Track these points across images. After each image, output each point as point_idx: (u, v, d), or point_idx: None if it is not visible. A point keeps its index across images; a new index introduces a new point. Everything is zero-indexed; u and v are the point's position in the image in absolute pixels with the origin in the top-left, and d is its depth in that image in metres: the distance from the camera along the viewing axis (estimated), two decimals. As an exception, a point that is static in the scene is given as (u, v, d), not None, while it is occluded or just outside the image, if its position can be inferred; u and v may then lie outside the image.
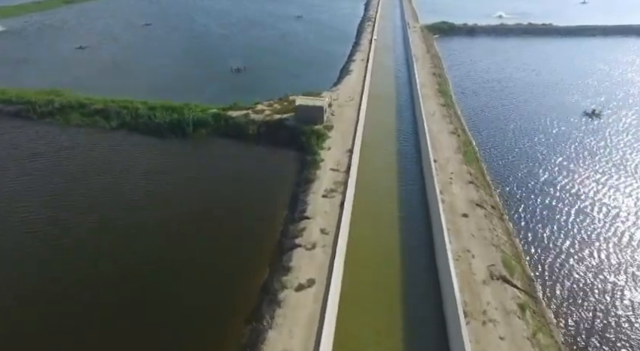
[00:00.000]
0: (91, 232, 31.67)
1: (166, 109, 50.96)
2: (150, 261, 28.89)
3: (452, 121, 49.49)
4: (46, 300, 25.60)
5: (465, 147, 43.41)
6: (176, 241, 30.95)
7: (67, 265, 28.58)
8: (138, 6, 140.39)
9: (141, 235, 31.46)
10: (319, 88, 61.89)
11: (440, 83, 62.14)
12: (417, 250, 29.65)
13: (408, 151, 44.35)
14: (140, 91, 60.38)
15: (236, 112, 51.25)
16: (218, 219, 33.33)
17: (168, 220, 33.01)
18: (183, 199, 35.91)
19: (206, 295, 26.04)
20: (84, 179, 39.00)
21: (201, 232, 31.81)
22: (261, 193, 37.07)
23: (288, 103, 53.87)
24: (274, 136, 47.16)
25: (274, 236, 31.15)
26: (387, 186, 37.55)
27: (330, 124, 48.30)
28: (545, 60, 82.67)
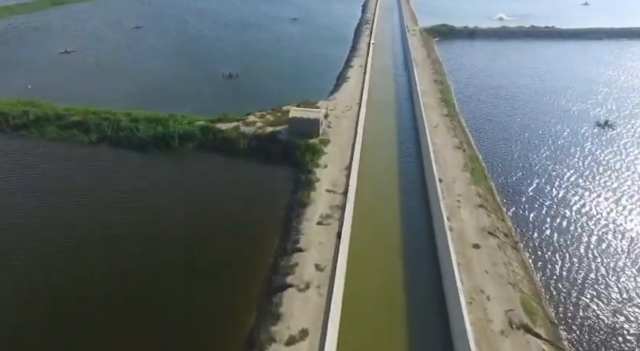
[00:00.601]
0: (56, 265, 28.24)
1: (151, 121, 47.47)
2: (119, 302, 25.47)
3: (456, 133, 46.28)
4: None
5: (471, 163, 40.21)
6: (146, 282, 27.37)
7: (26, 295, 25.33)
8: (129, 8, 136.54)
9: (113, 265, 28.10)
10: (315, 96, 58.81)
11: (442, 91, 58.96)
12: (424, 293, 26.28)
13: (411, 169, 41.06)
14: (125, 99, 56.92)
15: (226, 124, 47.83)
16: (201, 249, 29.95)
17: (136, 256, 29.37)
18: (162, 226, 32.43)
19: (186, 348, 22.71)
20: (54, 199, 35.58)
21: (179, 267, 28.37)
22: (251, 216, 33.67)
23: (282, 113, 50.51)
24: (266, 150, 43.77)
25: (263, 271, 27.78)
26: (388, 211, 34.20)
27: (327, 137, 44.98)
28: (548, 64, 79.71)
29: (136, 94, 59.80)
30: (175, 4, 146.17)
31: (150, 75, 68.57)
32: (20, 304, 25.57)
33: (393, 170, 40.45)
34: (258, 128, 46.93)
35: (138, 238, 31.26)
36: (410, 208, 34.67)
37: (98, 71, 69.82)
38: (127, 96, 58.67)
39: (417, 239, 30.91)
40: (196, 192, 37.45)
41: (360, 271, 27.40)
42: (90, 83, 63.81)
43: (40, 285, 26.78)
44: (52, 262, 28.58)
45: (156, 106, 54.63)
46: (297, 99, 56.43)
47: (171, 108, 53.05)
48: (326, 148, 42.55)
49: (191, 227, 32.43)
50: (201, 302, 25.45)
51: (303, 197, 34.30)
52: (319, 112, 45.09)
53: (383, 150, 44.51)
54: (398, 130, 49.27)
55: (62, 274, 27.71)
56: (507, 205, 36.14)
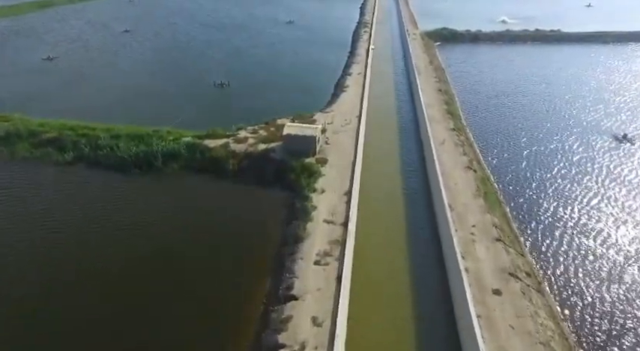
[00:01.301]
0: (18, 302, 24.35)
1: (133, 137, 43.55)
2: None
3: (465, 150, 42.62)
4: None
5: (483, 186, 36.57)
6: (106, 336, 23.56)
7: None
8: (119, 10, 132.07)
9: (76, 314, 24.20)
10: (312, 106, 55.11)
11: (447, 102, 55.31)
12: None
13: (417, 193, 37.26)
14: (107, 112, 52.96)
15: (215, 140, 43.98)
16: (179, 294, 26.10)
17: (94, 306, 25.56)
18: (130, 264, 28.54)
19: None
20: (22, 225, 31.71)
21: (146, 317, 24.52)
22: (238, 252, 29.81)
23: (276, 128, 46.71)
24: (258, 171, 39.96)
25: (251, 326, 23.99)
26: (393, 246, 30.41)
27: (324, 156, 41.22)
28: (556, 70, 76.24)
29: (119, 105, 55.75)
30: (167, 7, 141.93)
31: (136, 84, 64.44)
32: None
33: (398, 196, 36.63)
34: (249, 145, 43.11)
35: (100, 283, 27.27)
36: (418, 242, 30.88)
37: (80, 80, 65.59)
38: (109, 108, 54.66)
39: (427, 284, 27.10)
40: (177, 221, 33.47)
41: (363, 326, 23.63)
42: (70, 94, 59.71)
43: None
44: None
45: (141, 118, 50.74)
46: (292, 110, 52.93)
47: (157, 121, 49.14)
48: (323, 169, 38.77)
49: (166, 266, 28.52)
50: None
51: (298, 230, 30.49)
52: (316, 129, 41.30)
53: (385, 171, 40.70)
54: (401, 147, 45.47)
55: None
56: (525, 234, 32.53)
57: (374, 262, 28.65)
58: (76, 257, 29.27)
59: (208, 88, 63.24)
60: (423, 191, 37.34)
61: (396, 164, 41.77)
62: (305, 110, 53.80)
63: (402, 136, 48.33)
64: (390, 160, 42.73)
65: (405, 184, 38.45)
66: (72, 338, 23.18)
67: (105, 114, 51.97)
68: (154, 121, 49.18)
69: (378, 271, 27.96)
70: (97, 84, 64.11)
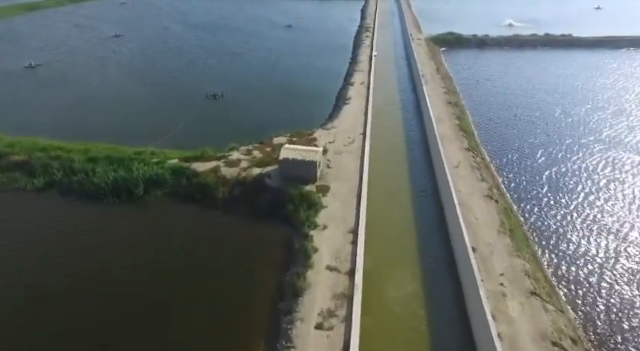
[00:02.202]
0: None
1: (112, 161, 39.01)
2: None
3: (483, 175, 38.16)
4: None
5: (507, 219, 32.10)
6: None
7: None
8: (109, 13, 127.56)
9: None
10: (311, 121, 50.74)
11: (459, 116, 50.87)
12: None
13: (433, 231, 32.46)
14: (87, 129, 48.55)
15: (204, 163, 39.48)
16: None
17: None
18: (99, 318, 24.06)
19: None
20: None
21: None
22: (223, 310, 25.10)
23: (272, 148, 42.26)
24: (251, 201, 35.44)
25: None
26: (408, 302, 25.70)
27: (326, 182, 36.74)
28: (570, 78, 71.83)
29: (101, 121, 51.23)
30: (160, 9, 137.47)
31: (121, 96, 59.87)
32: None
33: (410, 233, 31.98)
34: (242, 170, 38.58)
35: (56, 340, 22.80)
36: (437, 296, 26.25)
37: (61, 91, 61.01)
38: (90, 124, 50.15)
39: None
40: (151, 265, 28.81)
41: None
42: (48, 107, 55.16)
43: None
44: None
45: (124, 136, 46.49)
46: (290, 124, 48.73)
47: (143, 138, 44.96)
48: (325, 199, 34.27)
49: (135, 323, 23.98)
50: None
51: (296, 280, 26.01)
52: (316, 152, 36.78)
53: (394, 201, 36.02)
54: (410, 171, 40.82)
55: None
56: (561, 283, 28.06)
57: (386, 325, 24.12)
58: (28, 314, 24.75)
59: (201, 100, 58.74)
60: (439, 227, 32.72)
61: (405, 192, 37.17)
62: (304, 125, 49.64)
63: (411, 156, 43.74)
64: (399, 187, 38.14)
65: (417, 218, 33.75)
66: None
67: (85, 131, 47.51)
68: (138, 139, 45.02)
69: (391, 338, 23.42)
70: (79, 95, 59.56)
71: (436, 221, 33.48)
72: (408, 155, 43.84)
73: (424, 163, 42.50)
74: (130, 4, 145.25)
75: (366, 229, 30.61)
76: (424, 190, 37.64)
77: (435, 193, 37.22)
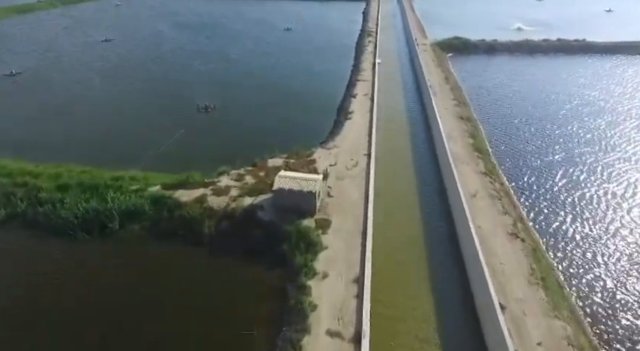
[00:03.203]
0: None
1: (84, 189, 34.56)
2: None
3: (504, 206, 33.67)
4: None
5: (538, 265, 27.58)
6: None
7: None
8: (102, 15, 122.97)
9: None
10: (310, 138, 46.35)
11: (472, 133, 46.39)
12: None
13: (451, 279, 27.86)
14: (63, 147, 44.27)
15: (189, 191, 35.03)
16: None
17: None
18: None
19: None
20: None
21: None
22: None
23: (266, 172, 37.83)
24: (241, 238, 31.00)
25: None
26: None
27: (326, 216, 32.27)
28: (587, 87, 67.19)
29: (79, 138, 46.77)
30: (155, 11, 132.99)
31: (105, 109, 55.32)
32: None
33: (424, 282, 27.38)
34: (231, 199, 34.13)
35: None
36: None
37: (40, 104, 56.50)
38: (66, 141, 45.76)
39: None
40: (119, 319, 24.48)
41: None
42: (23, 122, 50.64)
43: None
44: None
45: (104, 156, 42.39)
46: (287, 140, 44.48)
47: (124, 159, 40.72)
48: (326, 238, 29.81)
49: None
50: None
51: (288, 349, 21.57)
52: (315, 181, 32.29)
53: (405, 240, 31.29)
54: (422, 202, 35.91)
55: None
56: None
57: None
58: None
59: (191, 113, 54.26)
60: (459, 276, 28.13)
61: (417, 228, 32.56)
62: (303, 141, 45.35)
63: (421, 182, 39.05)
64: (410, 220, 33.52)
65: (432, 262, 29.06)
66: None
67: (60, 150, 43.34)
68: (119, 160, 40.87)
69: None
70: (57, 109, 55.12)
71: (455, 267, 28.92)
72: (418, 181, 39.22)
73: (437, 191, 37.85)
74: (125, 5, 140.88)
75: (373, 278, 26.17)
76: (439, 225, 33.05)
77: (451, 228, 32.70)
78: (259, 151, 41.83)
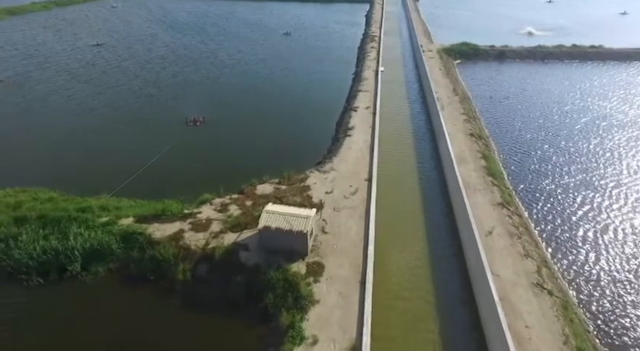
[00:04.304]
0: None
1: (45, 222, 30.30)
2: None
3: (525, 247, 29.16)
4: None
5: (569, 324, 23.15)
6: None
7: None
8: (96, 18, 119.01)
9: None
10: (305, 156, 42.23)
11: (484, 154, 41.86)
12: None
13: (465, 344, 23.59)
14: (30, 170, 40.16)
15: (165, 224, 30.81)
16: None
17: None
18: None
19: None
20: None
21: None
22: None
23: (254, 202, 33.55)
24: (221, 285, 26.75)
25: None
26: None
27: (320, 258, 27.92)
28: (604, 99, 62.58)
29: (50, 158, 42.52)
30: (151, 14, 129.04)
31: (83, 122, 51.00)
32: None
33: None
34: (211, 236, 29.84)
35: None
36: None
37: (13, 117, 52.24)
38: (35, 162, 41.59)
39: None
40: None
41: None
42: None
43: None
44: None
45: (78, 178, 38.47)
46: (279, 159, 40.86)
47: (98, 184, 36.53)
48: (318, 288, 25.47)
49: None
50: None
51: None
52: (307, 218, 27.88)
53: (412, 291, 26.71)
54: (429, 241, 31.21)
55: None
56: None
57: None
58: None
59: (179, 127, 50.05)
60: (476, 343, 23.60)
61: (425, 274, 28.03)
62: (297, 160, 41.41)
63: (429, 215, 34.32)
64: (416, 262, 29.04)
65: (444, 327, 24.39)
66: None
67: (25, 173, 39.15)
68: (92, 184, 36.79)
69: None
70: (31, 121, 50.89)
71: (471, 329, 24.38)
72: (425, 213, 34.56)
73: (447, 226, 33.21)
74: (120, 7, 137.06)
75: (373, 344, 21.81)
76: (450, 270, 28.53)
77: (464, 275, 28.24)
78: (248, 173, 37.71)
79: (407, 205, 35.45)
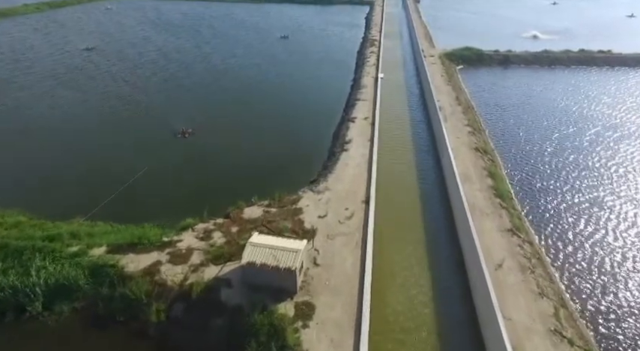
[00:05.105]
0: None
1: (5, 254, 27.36)
2: None
3: (540, 284, 26.14)
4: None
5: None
6: None
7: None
8: (89, 20, 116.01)
9: None
10: (299, 173, 39.33)
11: (491, 172, 38.87)
12: None
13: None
14: (2, 185, 37.25)
15: (139, 256, 27.89)
16: None
17: None
18: None
19: None
20: None
21: None
22: None
23: (240, 228, 30.64)
24: (198, 326, 23.86)
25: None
26: None
27: (310, 296, 24.95)
28: (614, 107, 59.54)
29: (23, 175, 39.50)
30: (145, 16, 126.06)
31: (64, 135, 47.87)
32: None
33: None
34: (191, 269, 26.90)
35: None
36: None
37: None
38: (4, 180, 38.61)
39: None
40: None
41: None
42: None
43: None
44: None
45: (51, 198, 35.55)
46: (270, 176, 38.45)
47: (73, 204, 33.74)
48: (306, 334, 22.51)
49: None
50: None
51: None
52: (296, 252, 24.91)
53: (413, 336, 23.84)
54: (433, 276, 28.01)
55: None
56: None
57: None
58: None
59: (166, 139, 47.09)
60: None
61: (429, 318, 24.90)
62: (289, 177, 38.67)
63: (432, 242, 31.13)
64: (420, 303, 26.00)
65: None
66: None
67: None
68: (67, 204, 34.08)
69: None
70: (9, 133, 47.84)
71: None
72: (428, 240, 31.37)
73: (452, 257, 30.00)
74: (115, 9, 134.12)
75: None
76: (456, 312, 25.49)
77: (472, 314, 25.25)
78: (237, 191, 34.96)
79: (407, 231, 32.41)
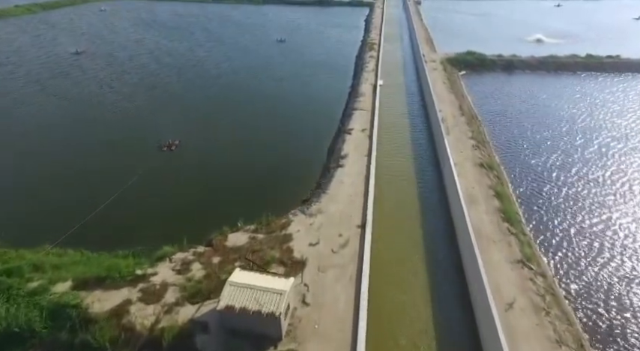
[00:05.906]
0: None
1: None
2: None
3: (557, 328, 23.18)
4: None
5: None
6: None
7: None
8: (81, 22, 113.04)
9: None
10: (289, 194, 36.45)
11: (497, 192, 35.88)
12: None
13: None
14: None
15: (107, 292, 24.97)
16: None
17: None
18: None
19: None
20: None
21: None
22: None
23: (223, 258, 27.73)
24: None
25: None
26: None
27: (295, 345, 22.01)
28: (621, 115, 56.51)
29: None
30: (140, 17, 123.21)
31: (42, 145, 44.99)
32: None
33: None
34: (163, 309, 23.95)
35: None
36: None
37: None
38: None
39: None
40: None
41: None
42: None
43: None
44: None
45: (20, 221, 32.94)
46: (259, 195, 36.11)
47: (43, 227, 31.17)
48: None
49: None
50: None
51: None
52: (281, 294, 21.96)
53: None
54: (435, 319, 24.79)
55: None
56: None
57: None
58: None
59: (150, 153, 44.05)
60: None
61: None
62: (279, 194, 36.03)
63: (435, 278, 27.93)
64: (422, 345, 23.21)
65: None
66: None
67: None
68: (37, 228, 31.44)
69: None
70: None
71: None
72: (431, 273, 28.39)
73: (457, 294, 26.89)
74: (109, 11, 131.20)
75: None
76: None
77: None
78: (222, 212, 32.56)
79: (408, 262, 29.34)
